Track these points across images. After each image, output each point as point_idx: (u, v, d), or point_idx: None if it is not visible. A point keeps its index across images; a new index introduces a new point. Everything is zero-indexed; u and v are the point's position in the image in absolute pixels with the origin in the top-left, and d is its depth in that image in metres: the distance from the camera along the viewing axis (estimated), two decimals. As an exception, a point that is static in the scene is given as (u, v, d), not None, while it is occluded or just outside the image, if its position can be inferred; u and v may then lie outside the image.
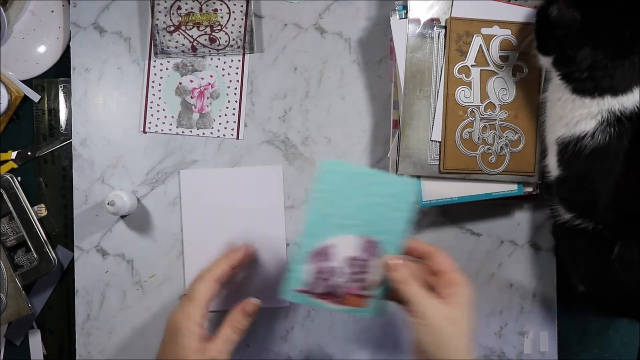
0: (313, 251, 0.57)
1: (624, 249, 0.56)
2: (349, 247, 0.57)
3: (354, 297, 0.58)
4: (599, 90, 0.55)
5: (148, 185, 0.70)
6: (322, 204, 0.56)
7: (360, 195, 0.56)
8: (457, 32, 0.64)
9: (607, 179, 0.56)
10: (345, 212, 0.56)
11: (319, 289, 0.58)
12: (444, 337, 0.52)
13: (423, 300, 0.53)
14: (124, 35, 0.70)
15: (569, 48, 0.55)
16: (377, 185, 0.57)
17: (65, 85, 0.72)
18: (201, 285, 0.58)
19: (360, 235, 0.57)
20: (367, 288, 0.58)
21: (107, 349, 0.70)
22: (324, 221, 0.57)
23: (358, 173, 0.57)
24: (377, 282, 0.57)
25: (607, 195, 0.56)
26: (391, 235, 0.57)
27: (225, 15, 0.70)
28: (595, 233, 0.58)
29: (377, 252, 0.57)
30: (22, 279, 0.69)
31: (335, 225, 0.57)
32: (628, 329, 0.73)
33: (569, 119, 0.57)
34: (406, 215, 0.57)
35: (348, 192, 0.56)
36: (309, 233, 0.57)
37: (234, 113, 0.70)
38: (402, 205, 0.57)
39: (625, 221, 0.56)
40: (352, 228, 0.57)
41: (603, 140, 0.55)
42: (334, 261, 0.57)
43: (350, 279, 0.58)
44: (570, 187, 0.59)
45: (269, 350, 0.71)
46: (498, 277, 0.72)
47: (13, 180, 0.70)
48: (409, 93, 0.64)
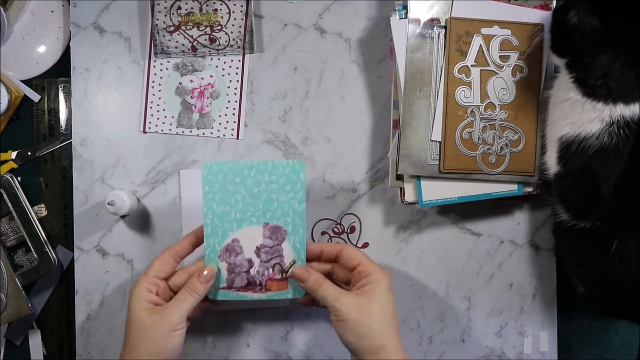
0: (222, 248, 0.60)
1: (623, 244, 0.56)
2: (254, 237, 0.60)
3: (275, 282, 0.61)
4: (612, 98, 0.55)
5: (148, 185, 0.70)
6: (216, 203, 0.60)
7: (251, 186, 0.60)
8: (457, 32, 0.64)
9: (609, 178, 0.56)
10: (240, 205, 0.60)
11: (240, 282, 0.61)
12: (362, 329, 0.55)
13: (336, 299, 0.56)
14: (124, 35, 0.70)
15: (586, 54, 0.55)
16: (264, 172, 0.60)
17: (65, 85, 0.72)
18: (156, 260, 0.60)
19: (260, 224, 0.60)
20: (285, 271, 0.61)
21: (107, 349, 0.70)
22: (222, 219, 0.60)
23: (242, 167, 0.60)
24: (292, 264, 0.60)
25: (608, 193, 0.56)
26: (290, 217, 0.60)
27: (225, 15, 0.70)
28: (594, 231, 0.58)
29: (282, 236, 0.60)
30: (22, 279, 0.69)
31: (234, 220, 0.60)
32: (628, 329, 0.73)
33: (575, 120, 0.57)
34: (300, 195, 0.60)
35: (238, 187, 0.60)
36: (212, 233, 0.60)
37: (234, 113, 0.70)
38: (294, 186, 0.60)
39: (625, 217, 0.56)
40: (251, 219, 0.60)
41: (609, 142, 0.55)
42: (244, 253, 0.60)
43: (266, 266, 0.60)
44: (569, 183, 0.59)
45: (269, 350, 0.71)
46: (498, 277, 0.72)
47: (13, 180, 0.70)
48: (409, 93, 0.64)
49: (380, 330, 0.55)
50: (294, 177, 0.60)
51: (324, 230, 0.71)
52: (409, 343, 0.71)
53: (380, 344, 0.55)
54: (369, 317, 0.55)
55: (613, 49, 0.53)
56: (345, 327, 0.56)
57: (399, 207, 0.71)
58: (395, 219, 0.71)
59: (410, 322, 0.71)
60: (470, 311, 0.72)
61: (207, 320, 0.70)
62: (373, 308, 0.56)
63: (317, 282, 0.58)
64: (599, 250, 0.58)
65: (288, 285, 0.61)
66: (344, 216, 0.71)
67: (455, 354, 0.71)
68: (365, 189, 0.71)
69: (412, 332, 0.71)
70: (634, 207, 0.56)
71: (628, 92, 0.54)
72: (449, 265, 0.71)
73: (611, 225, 0.57)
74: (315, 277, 0.58)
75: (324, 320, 0.71)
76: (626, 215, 0.56)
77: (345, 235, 0.71)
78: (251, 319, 0.71)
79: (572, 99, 0.57)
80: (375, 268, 0.58)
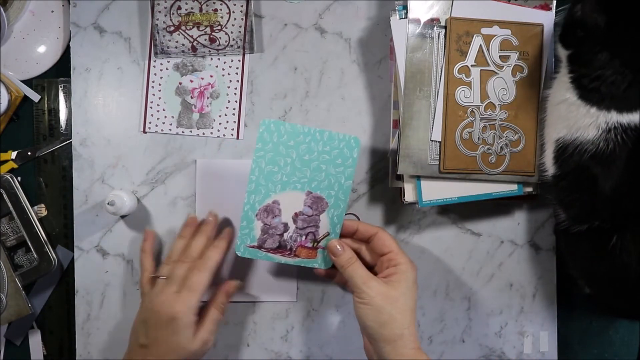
0: (261, 208, 0.60)
1: (622, 239, 0.56)
2: (295, 203, 0.61)
3: (305, 249, 0.61)
4: (605, 104, 0.54)
5: (148, 185, 0.70)
6: (265, 162, 0.60)
7: (303, 152, 0.60)
8: (457, 32, 0.64)
9: (606, 181, 0.56)
10: (288, 169, 0.60)
11: (271, 244, 0.61)
12: (384, 316, 0.56)
13: (365, 282, 0.57)
14: (124, 35, 0.70)
15: (586, 50, 0.54)
16: (319, 141, 0.60)
17: (65, 85, 0.72)
18: (201, 278, 0.61)
19: (304, 191, 0.60)
20: (317, 241, 0.61)
21: (107, 349, 0.70)
22: (268, 179, 0.60)
23: (299, 131, 0.60)
24: (325, 235, 0.61)
25: (605, 195, 0.56)
26: (335, 190, 0.61)
27: (225, 15, 0.70)
28: (592, 230, 0.58)
29: (322, 207, 0.61)
30: (22, 279, 0.69)
31: (279, 182, 0.60)
32: (628, 329, 0.73)
33: (571, 123, 0.57)
34: (349, 171, 0.60)
35: (290, 150, 0.60)
36: (255, 191, 0.60)
37: (234, 113, 0.70)
38: (345, 161, 0.60)
39: (623, 217, 0.56)
40: (296, 184, 0.60)
41: (605, 147, 0.55)
42: (281, 217, 0.61)
43: (300, 233, 0.61)
44: (566, 185, 0.59)
45: (269, 350, 0.71)
46: (498, 277, 0.72)
47: (13, 180, 0.70)
48: (409, 93, 0.64)
49: (402, 320, 0.56)
50: (347, 152, 0.60)
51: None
52: (409, 343, 0.71)
53: (400, 333, 0.56)
54: (393, 306, 0.56)
55: (611, 50, 0.53)
56: (368, 312, 0.56)
57: (399, 207, 0.71)
58: (395, 219, 0.71)
59: (410, 322, 0.71)
60: (470, 311, 0.72)
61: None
62: (398, 297, 0.57)
63: (350, 261, 0.59)
64: (599, 247, 0.58)
65: (317, 255, 0.62)
66: (344, 216, 0.71)
67: (455, 354, 0.71)
68: (365, 189, 0.71)
69: (412, 332, 0.71)
70: (631, 208, 0.56)
71: (619, 100, 0.54)
72: (449, 265, 0.71)
73: (609, 223, 0.57)
74: (349, 255, 0.59)
75: (324, 320, 0.71)
76: (624, 215, 0.56)
77: (345, 235, 0.71)
78: (251, 319, 0.71)
79: (569, 100, 0.57)
80: (405, 259, 0.59)
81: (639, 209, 0.56)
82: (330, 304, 0.71)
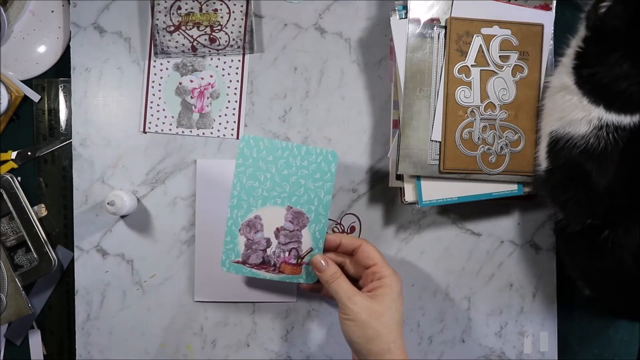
0: (243, 223, 0.61)
1: (613, 234, 0.56)
2: (276, 218, 0.61)
3: (290, 265, 0.62)
4: (601, 97, 0.55)
5: (148, 185, 0.70)
6: (246, 177, 0.60)
7: (281, 167, 0.60)
8: (457, 32, 0.64)
9: (600, 178, 0.56)
10: (268, 184, 0.60)
11: (255, 260, 0.61)
12: (370, 332, 0.56)
13: (349, 298, 0.57)
14: (124, 35, 0.70)
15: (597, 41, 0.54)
16: (297, 156, 0.60)
17: (65, 85, 0.72)
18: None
19: (284, 206, 0.61)
20: (300, 257, 0.61)
21: (107, 349, 0.70)
22: (249, 193, 0.60)
23: (277, 146, 0.60)
24: (309, 251, 0.61)
25: (600, 191, 0.56)
26: (315, 205, 0.61)
27: (225, 15, 0.70)
28: (586, 229, 0.58)
29: (303, 222, 0.61)
30: (22, 279, 0.69)
31: (260, 197, 0.61)
32: (628, 329, 0.73)
33: (565, 115, 0.57)
34: (328, 185, 0.61)
35: (269, 165, 0.60)
36: (237, 205, 0.60)
37: (234, 113, 0.70)
38: (323, 175, 0.60)
39: (615, 213, 0.56)
40: (276, 199, 0.61)
41: (596, 145, 0.55)
42: (263, 232, 0.61)
43: (282, 249, 0.61)
44: (558, 180, 0.59)
45: (269, 350, 0.71)
46: (498, 277, 0.72)
47: (13, 180, 0.70)
48: (409, 93, 0.64)
49: (388, 334, 0.56)
50: (325, 167, 0.60)
51: (324, 230, 0.71)
52: (409, 343, 0.71)
53: (387, 348, 0.56)
54: (379, 321, 0.56)
55: (623, 51, 0.53)
56: (354, 328, 0.56)
57: (399, 207, 0.71)
58: (395, 219, 0.71)
59: (410, 322, 0.71)
60: (470, 311, 0.72)
61: (207, 320, 0.70)
62: (384, 312, 0.56)
63: (334, 276, 0.59)
64: (594, 245, 0.58)
65: (302, 271, 0.62)
66: (344, 216, 0.71)
67: (455, 354, 0.71)
68: (365, 189, 0.71)
69: (412, 332, 0.71)
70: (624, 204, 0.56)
71: (609, 99, 0.54)
72: (449, 265, 0.71)
73: (602, 220, 0.57)
74: (332, 270, 0.59)
75: (324, 320, 0.71)
76: (617, 211, 0.57)
77: (346, 235, 0.71)
78: (251, 319, 0.71)
79: (566, 83, 0.57)
80: (389, 271, 0.59)
81: (632, 205, 0.56)
82: (330, 304, 0.71)
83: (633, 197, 0.56)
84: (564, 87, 0.57)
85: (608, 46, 0.53)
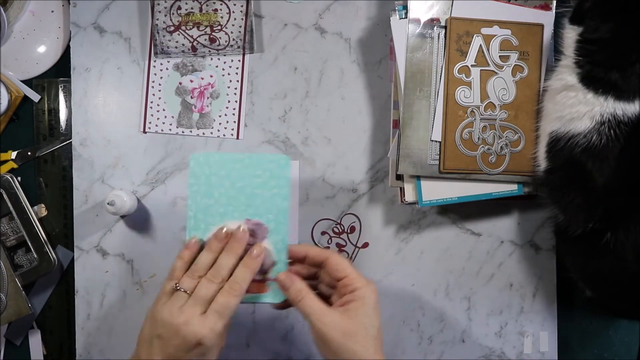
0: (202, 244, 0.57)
1: (615, 236, 0.56)
2: None
3: (255, 283, 0.56)
4: (604, 85, 0.54)
5: (148, 185, 0.70)
6: (200, 196, 0.57)
7: (235, 180, 0.57)
8: (457, 32, 0.64)
9: (600, 176, 0.56)
10: (223, 199, 0.57)
11: None
12: (345, 353, 0.51)
13: (319, 318, 0.52)
14: (124, 35, 0.70)
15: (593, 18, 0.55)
16: (249, 166, 0.57)
17: (65, 85, 0.72)
18: (231, 302, 0.54)
19: (242, 219, 0.57)
20: (264, 272, 0.57)
21: (107, 349, 0.70)
22: (206, 212, 0.57)
23: (228, 159, 0.58)
24: (273, 264, 0.57)
25: (599, 190, 0.56)
26: (273, 214, 0.57)
27: (225, 15, 0.70)
28: (587, 232, 0.58)
29: (263, 234, 0.57)
30: (22, 279, 0.69)
31: (217, 213, 0.57)
32: (628, 329, 0.73)
33: (565, 113, 0.57)
34: (284, 191, 0.57)
35: (222, 180, 0.57)
36: (194, 227, 0.57)
37: (234, 113, 0.70)
38: (278, 182, 0.57)
39: (615, 213, 0.56)
40: (233, 213, 0.57)
41: (598, 142, 0.55)
42: None
43: None
44: (557, 180, 0.59)
45: (269, 350, 0.71)
46: (498, 277, 0.72)
47: (13, 180, 0.70)
48: (409, 93, 0.64)
49: (365, 352, 0.52)
50: (278, 173, 0.57)
51: (324, 230, 0.71)
52: (409, 343, 0.71)
53: None
54: (353, 341, 0.52)
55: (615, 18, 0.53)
56: (327, 350, 0.52)
57: (399, 207, 0.71)
58: (395, 219, 0.71)
59: (410, 322, 0.71)
60: (470, 311, 0.72)
61: (207, 320, 0.70)
62: (357, 331, 0.52)
63: (299, 294, 0.54)
64: (595, 246, 0.58)
65: (268, 289, 0.57)
66: (344, 216, 0.71)
67: (455, 354, 0.71)
68: (365, 189, 0.71)
69: (412, 332, 0.71)
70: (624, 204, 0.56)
71: (621, 86, 0.54)
72: (449, 265, 0.71)
73: (603, 221, 0.57)
74: (297, 288, 0.54)
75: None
76: (617, 211, 0.56)
77: (345, 235, 0.71)
78: (251, 319, 0.71)
79: (569, 82, 0.57)
80: (362, 282, 0.54)
81: (632, 204, 0.56)
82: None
83: (632, 195, 0.56)
84: (566, 86, 0.57)
85: (607, 18, 0.54)
